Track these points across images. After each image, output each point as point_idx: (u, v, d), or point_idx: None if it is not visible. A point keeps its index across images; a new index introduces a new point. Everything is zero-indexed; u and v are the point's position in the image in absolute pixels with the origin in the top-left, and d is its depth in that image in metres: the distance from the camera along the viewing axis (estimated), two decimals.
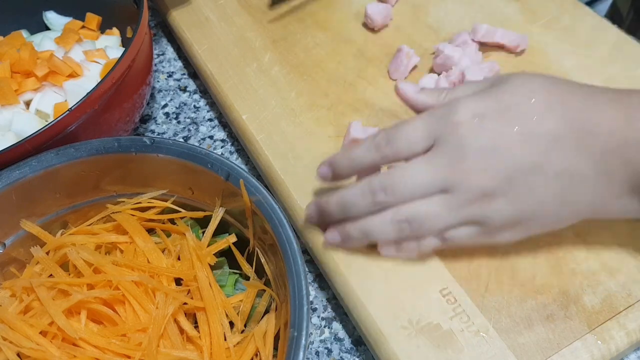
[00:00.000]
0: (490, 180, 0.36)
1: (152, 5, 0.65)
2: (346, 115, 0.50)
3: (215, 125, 0.56)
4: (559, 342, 0.37)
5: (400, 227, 0.38)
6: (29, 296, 0.37)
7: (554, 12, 0.56)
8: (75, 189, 0.41)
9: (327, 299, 0.44)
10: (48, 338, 0.36)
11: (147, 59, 0.51)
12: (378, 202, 0.38)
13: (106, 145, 0.40)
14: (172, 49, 0.64)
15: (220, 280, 0.40)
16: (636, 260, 0.40)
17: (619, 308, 0.38)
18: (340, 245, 0.41)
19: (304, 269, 0.33)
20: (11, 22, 0.59)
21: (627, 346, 0.37)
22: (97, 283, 0.37)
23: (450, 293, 0.39)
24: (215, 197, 0.40)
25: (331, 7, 0.59)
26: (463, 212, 0.37)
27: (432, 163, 0.37)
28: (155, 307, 0.37)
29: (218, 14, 0.60)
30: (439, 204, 0.37)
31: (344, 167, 0.40)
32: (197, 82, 0.60)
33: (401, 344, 0.37)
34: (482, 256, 0.41)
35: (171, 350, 0.36)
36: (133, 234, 0.40)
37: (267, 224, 0.36)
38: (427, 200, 0.37)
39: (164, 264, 0.39)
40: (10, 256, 0.40)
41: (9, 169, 0.39)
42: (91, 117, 0.43)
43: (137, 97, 0.50)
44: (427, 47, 0.54)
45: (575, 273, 0.40)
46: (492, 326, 0.37)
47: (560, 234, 0.41)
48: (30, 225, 0.40)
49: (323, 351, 0.42)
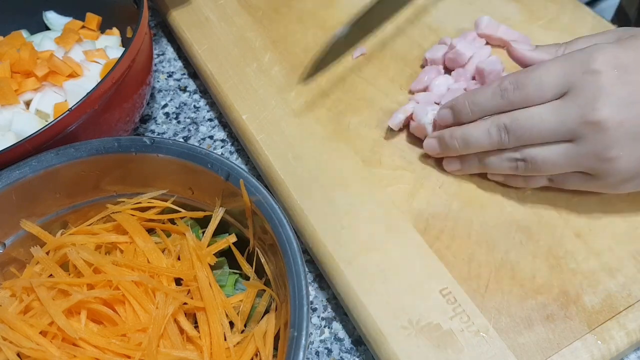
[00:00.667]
0: (622, 135, 0.35)
1: (152, 5, 0.65)
2: (346, 115, 0.50)
3: (215, 125, 0.56)
4: (559, 342, 0.37)
5: (516, 165, 0.40)
6: (29, 296, 0.37)
7: (554, 12, 0.56)
8: (75, 189, 0.41)
9: (327, 299, 0.44)
10: (48, 338, 0.36)
11: (147, 59, 0.51)
12: (501, 142, 0.39)
13: (106, 145, 0.40)
14: (172, 49, 0.64)
15: (220, 280, 0.40)
16: (636, 260, 0.40)
17: (619, 308, 0.38)
18: (458, 171, 0.44)
19: (304, 269, 0.33)
20: (11, 22, 0.59)
21: (627, 346, 0.37)
22: (97, 283, 0.37)
23: (450, 293, 0.39)
24: (215, 197, 0.40)
25: (331, 7, 0.59)
26: (584, 164, 0.37)
27: (563, 111, 0.37)
28: (155, 307, 0.37)
29: (218, 14, 0.60)
30: (561, 152, 0.37)
31: (466, 112, 0.41)
32: (197, 82, 0.60)
33: (401, 344, 0.37)
34: (482, 256, 0.41)
35: (171, 350, 0.36)
36: (133, 234, 0.40)
37: (267, 224, 0.36)
38: (551, 147, 0.38)
39: (164, 264, 0.39)
40: (10, 256, 0.40)
41: (9, 169, 0.39)
42: (91, 117, 0.43)
43: (137, 97, 0.50)
44: (426, 47, 0.54)
45: (575, 273, 0.40)
46: (492, 326, 0.37)
47: (560, 234, 0.41)
48: (30, 225, 0.40)
49: (323, 351, 0.42)
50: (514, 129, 0.38)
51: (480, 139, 0.41)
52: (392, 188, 0.45)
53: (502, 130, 0.39)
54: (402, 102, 0.50)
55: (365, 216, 0.43)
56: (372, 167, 0.46)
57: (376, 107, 0.50)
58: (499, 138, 0.39)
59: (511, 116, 0.39)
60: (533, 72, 0.38)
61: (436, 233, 0.42)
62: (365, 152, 0.47)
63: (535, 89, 0.38)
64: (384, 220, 0.43)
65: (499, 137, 0.39)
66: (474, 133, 0.41)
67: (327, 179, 0.45)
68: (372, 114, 0.50)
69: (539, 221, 0.42)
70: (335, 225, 0.43)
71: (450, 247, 0.41)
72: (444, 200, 0.44)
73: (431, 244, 0.41)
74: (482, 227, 0.42)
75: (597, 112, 0.35)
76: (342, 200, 0.44)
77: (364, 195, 0.44)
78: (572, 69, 0.37)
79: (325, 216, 0.43)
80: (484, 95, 0.40)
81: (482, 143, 0.41)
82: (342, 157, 0.47)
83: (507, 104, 0.39)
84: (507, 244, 0.41)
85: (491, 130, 0.40)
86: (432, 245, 0.41)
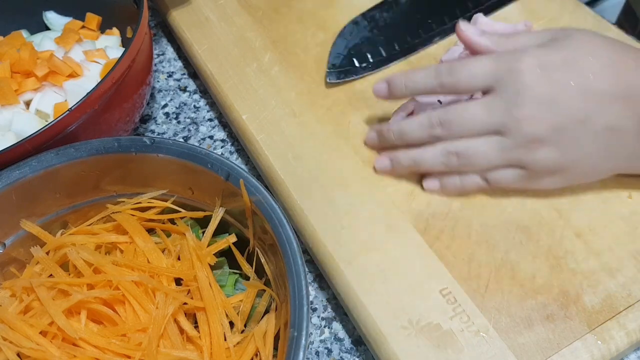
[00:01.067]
0: (543, 128, 0.38)
1: (152, 5, 0.65)
2: (346, 115, 0.50)
3: (215, 125, 0.56)
4: (559, 342, 0.37)
5: (448, 159, 0.41)
6: (29, 296, 0.37)
7: (554, 12, 0.56)
8: (75, 189, 0.41)
9: (327, 299, 0.44)
10: (48, 338, 0.36)
11: (147, 59, 0.51)
12: (434, 135, 0.42)
13: (106, 145, 0.40)
14: (172, 49, 0.64)
15: (220, 280, 0.40)
16: (636, 260, 0.40)
17: (619, 308, 0.38)
18: (388, 172, 0.45)
19: (304, 269, 0.33)
20: (11, 22, 0.59)
21: (627, 346, 0.37)
22: (97, 283, 0.37)
23: (450, 293, 0.39)
24: (215, 197, 0.40)
25: (331, 7, 0.59)
26: (511, 155, 0.40)
27: (490, 105, 0.39)
28: (155, 307, 0.37)
29: (218, 14, 0.60)
30: (490, 144, 0.40)
31: (400, 87, 0.43)
32: (197, 82, 0.60)
33: (401, 344, 0.37)
34: (482, 256, 0.41)
35: (171, 350, 0.36)
36: (133, 234, 0.40)
37: (267, 224, 0.36)
38: (480, 139, 0.40)
39: (164, 264, 0.39)
40: (10, 256, 0.40)
41: (9, 169, 0.39)
42: (91, 117, 0.43)
43: (137, 97, 0.50)
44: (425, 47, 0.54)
45: (575, 273, 0.40)
46: (492, 326, 0.37)
47: (560, 234, 0.41)
48: (30, 225, 0.40)
49: (323, 351, 0.42)
50: (447, 120, 0.41)
51: (413, 129, 0.43)
52: (392, 188, 0.45)
53: (435, 122, 0.41)
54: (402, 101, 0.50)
55: (365, 216, 0.43)
56: (372, 167, 0.46)
57: (376, 107, 0.50)
58: (431, 130, 0.42)
59: (444, 110, 0.41)
60: (467, 62, 0.41)
61: (436, 233, 0.42)
62: (366, 152, 0.47)
63: (466, 76, 0.40)
64: (384, 220, 0.43)
65: (430, 129, 0.42)
66: (409, 124, 0.43)
67: (327, 179, 0.45)
68: (372, 114, 0.50)
69: (539, 221, 0.42)
70: (335, 225, 0.43)
71: (450, 247, 0.41)
72: (444, 200, 0.44)
73: (431, 244, 0.41)
74: (482, 227, 0.42)
75: (519, 108, 0.38)
76: (342, 200, 0.44)
77: (364, 195, 0.44)
78: (501, 65, 0.39)
79: (325, 216, 0.43)
80: (420, 74, 0.42)
81: (415, 133, 0.43)
82: (342, 157, 0.47)
83: (437, 85, 0.41)
84: (507, 244, 0.41)
85: (424, 122, 0.42)
86: (432, 245, 0.41)
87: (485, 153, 0.40)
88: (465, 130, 0.40)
